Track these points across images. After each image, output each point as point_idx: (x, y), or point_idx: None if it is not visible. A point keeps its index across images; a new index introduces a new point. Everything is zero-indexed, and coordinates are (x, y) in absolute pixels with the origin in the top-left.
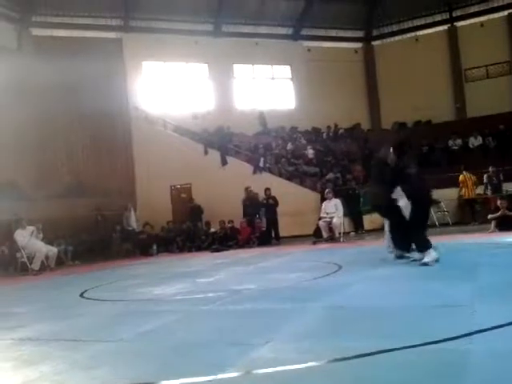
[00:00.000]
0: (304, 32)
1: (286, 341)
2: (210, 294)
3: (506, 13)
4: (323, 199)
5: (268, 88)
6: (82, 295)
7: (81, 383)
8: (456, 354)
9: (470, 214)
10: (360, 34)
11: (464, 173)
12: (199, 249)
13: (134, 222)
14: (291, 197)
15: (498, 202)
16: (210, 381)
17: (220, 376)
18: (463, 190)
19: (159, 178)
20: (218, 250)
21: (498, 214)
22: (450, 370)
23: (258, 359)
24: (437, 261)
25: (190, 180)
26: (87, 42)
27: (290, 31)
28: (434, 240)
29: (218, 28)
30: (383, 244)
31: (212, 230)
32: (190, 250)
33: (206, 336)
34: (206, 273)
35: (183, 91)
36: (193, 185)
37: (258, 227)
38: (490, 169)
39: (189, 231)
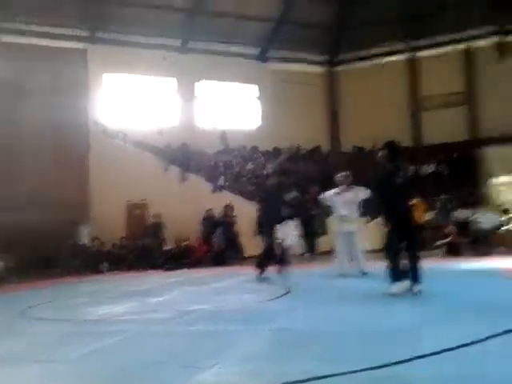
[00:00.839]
0: (271, 53)
1: (232, 364)
2: (160, 315)
3: (463, 46)
4: None
5: (232, 107)
6: (22, 314)
7: None
8: (398, 379)
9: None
10: (324, 58)
11: (415, 200)
12: (152, 267)
13: (85, 238)
14: (251, 216)
15: (448, 229)
16: None
17: None
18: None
19: (115, 192)
20: (171, 269)
21: (448, 240)
22: None
23: (203, 382)
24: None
25: (147, 196)
26: (52, 51)
27: (257, 51)
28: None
29: (185, 44)
30: (333, 266)
31: (166, 247)
32: (142, 268)
33: (152, 357)
34: (158, 292)
35: (148, 105)
36: (150, 201)
37: (215, 246)
38: (439, 196)
39: (143, 248)
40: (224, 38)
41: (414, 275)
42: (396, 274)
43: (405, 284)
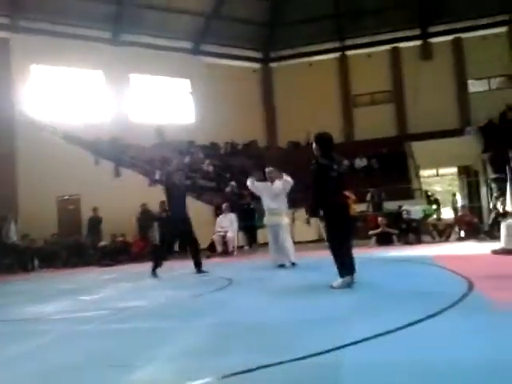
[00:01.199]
0: (204, 48)
1: (166, 361)
2: (93, 313)
3: (389, 46)
4: (217, 213)
5: (167, 100)
6: None
7: None
8: (328, 367)
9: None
10: (258, 54)
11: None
12: (87, 264)
13: (14, 235)
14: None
15: (379, 220)
16: None
17: None
18: None
19: (45, 187)
20: (107, 265)
21: (379, 230)
22: None
23: (136, 381)
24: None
25: (80, 191)
26: None
27: (190, 45)
28: (321, 253)
29: (116, 36)
30: (269, 258)
31: (102, 243)
32: (76, 265)
33: (81, 358)
34: (92, 289)
35: (76, 98)
36: (82, 196)
37: (152, 241)
38: (371, 189)
39: (76, 245)
40: (155, 30)
41: (349, 266)
42: (342, 267)
43: (350, 277)
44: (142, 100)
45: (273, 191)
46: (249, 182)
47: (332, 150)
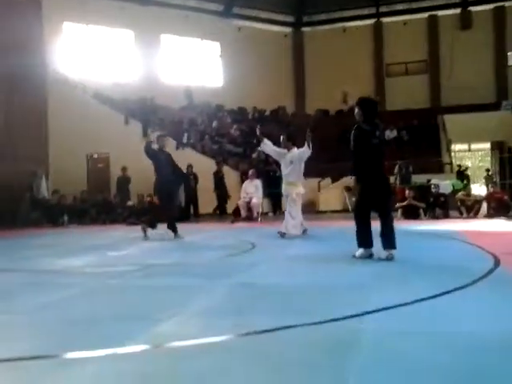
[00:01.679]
0: (235, 10)
1: (190, 316)
2: (120, 268)
3: (426, 14)
4: (243, 179)
5: (196, 63)
6: None
7: None
8: (350, 332)
9: None
10: (291, 19)
11: None
12: (114, 222)
13: (45, 190)
14: (212, 175)
15: (406, 193)
16: (109, 355)
17: (120, 350)
18: None
19: (75, 145)
20: (133, 224)
21: (405, 203)
22: (343, 348)
23: (159, 334)
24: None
25: (109, 150)
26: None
27: (220, 8)
28: (345, 223)
29: None
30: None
31: (129, 203)
32: (104, 223)
33: (108, 310)
34: (119, 246)
35: (106, 57)
36: (111, 155)
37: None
38: (400, 161)
39: (105, 203)
40: None
41: (389, 239)
42: (363, 239)
43: (369, 251)
44: (171, 61)
45: (287, 159)
46: (263, 145)
47: (375, 116)
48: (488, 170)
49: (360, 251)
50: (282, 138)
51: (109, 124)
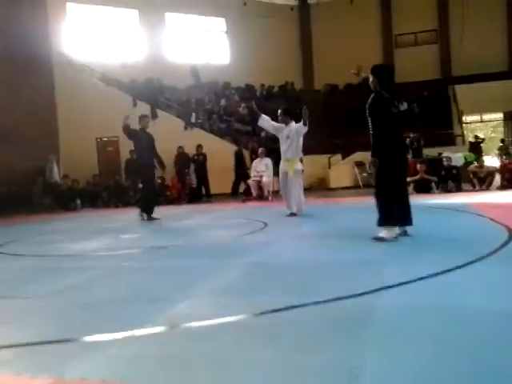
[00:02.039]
0: None
1: (204, 296)
2: (133, 250)
3: None
4: (253, 158)
5: (202, 40)
6: None
7: None
8: (362, 309)
9: None
10: None
11: None
12: (126, 205)
13: (56, 175)
14: (222, 154)
15: (418, 166)
16: (126, 337)
17: (137, 332)
18: None
19: (84, 129)
20: None
21: (417, 177)
22: (357, 324)
23: (175, 315)
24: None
25: (118, 133)
26: None
27: None
28: (357, 200)
29: None
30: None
31: (140, 185)
32: (116, 206)
33: (124, 292)
34: (132, 229)
35: (111, 38)
36: (120, 138)
37: (188, 184)
38: (411, 134)
39: (116, 186)
40: None
41: (405, 216)
42: (387, 217)
43: (395, 229)
44: (177, 40)
45: (284, 134)
46: (261, 120)
47: (392, 84)
48: (503, 141)
49: (386, 231)
50: (279, 111)
51: (117, 107)
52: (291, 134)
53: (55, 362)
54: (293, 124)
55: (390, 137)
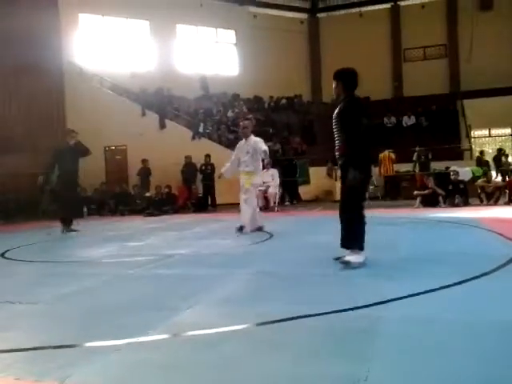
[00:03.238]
0: None
1: (209, 306)
2: (139, 258)
3: None
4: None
5: (211, 52)
6: (2, 255)
7: None
8: (368, 320)
9: (396, 190)
10: (306, 4)
11: (385, 152)
12: (133, 213)
13: None
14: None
15: (425, 180)
16: (129, 344)
17: (140, 339)
18: (382, 167)
19: (93, 137)
20: (152, 215)
21: (426, 191)
22: (362, 336)
23: (178, 323)
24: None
25: (126, 142)
26: None
27: None
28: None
29: None
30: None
31: (147, 194)
32: (122, 214)
33: (128, 300)
34: (137, 237)
35: (122, 48)
36: (128, 147)
37: (195, 193)
38: (417, 148)
39: (124, 194)
40: None
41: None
42: (356, 238)
43: (364, 253)
44: (187, 51)
45: (244, 149)
46: (226, 173)
47: (355, 89)
48: (506, 156)
49: (362, 256)
50: (240, 124)
51: (126, 116)
52: (250, 149)
53: (58, 367)
54: (252, 138)
55: (365, 148)
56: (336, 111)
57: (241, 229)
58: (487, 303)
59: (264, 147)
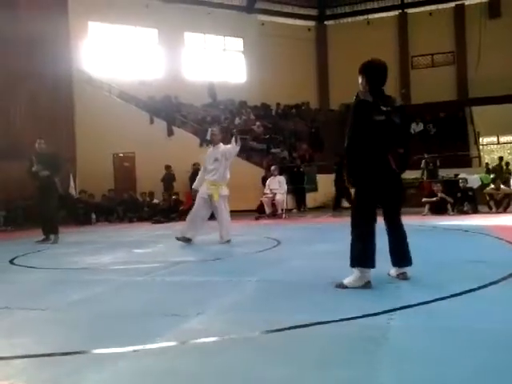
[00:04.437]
0: (258, 5)
1: (216, 313)
2: (146, 265)
3: (453, 4)
4: (267, 175)
5: (219, 59)
6: (11, 261)
7: (0, 351)
8: (377, 329)
9: (404, 197)
10: (314, 12)
11: None
12: (141, 219)
13: (72, 189)
14: (236, 172)
15: (434, 187)
16: (137, 350)
17: (149, 346)
18: None
19: (101, 144)
20: (159, 222)
21: (435, 198)
22: (370, 344)
23: (187, 330)
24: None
25: (134, 149)
26: None
27: (243, 3)
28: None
29: None
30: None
31: (155, 201)
32: (130, 221)
33: (137, 306)
34: (145, 244)
35: (131, 56)
36: (137, 154)
37: None
38: (426, 155)
39: (131, 201)
40: None
41: (403, 254)
42: (365, 254)
43: (367, 274)
44: (195, 58)
45: (212, 156)
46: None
47: (383, 85)
48: (507, 164)
49: (355, 275)
50: (209, 130)
51: (134, 123)
52: (219, 156)
53: (67, 374)
54: (221, 146)
55: (372, 151)
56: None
57: (186, 240)
58: (497, 312)
59: (235, 151)
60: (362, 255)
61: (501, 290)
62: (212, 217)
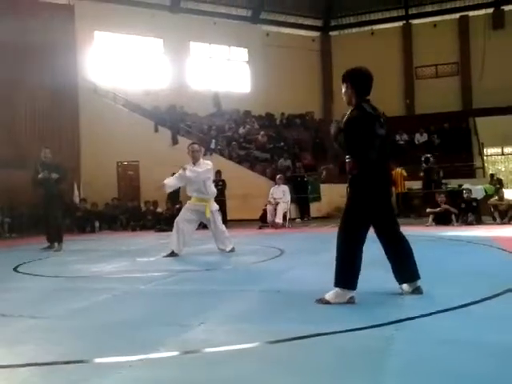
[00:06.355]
0: (263, 16)
1: (219, 323)
2: (149, 274)
3: (457, 15)
4: (271, 184)
5: (224, 69)
6: (15, 269)
7: (3, 359)
8: (380, 340)
9: (408, 208)
10: (318, 23)
11: (397, 169)
12: (144, 228)
13: (77, 198)
14: (240, 181)
15: (438, 198)
16: (140, 360)
17: (151, 355)
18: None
19: (106, 153)
20: (163, 230)
21: (438, 209)
22: (374, 355)
23: (190, 340)
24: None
25: (138, 157)
26: (36, 6)
27: (248, 13)
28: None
29: (175, 3)
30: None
31: (158, 209)
32: (133, 229)
33: (140, 315)
34: (148, 252)
35: (136, 66)
36: (141, 162)
37: None
38: (432, 165)
39: (134, 209)
40: None
41: (411, 269)
42: (349, 275)
43: (350, 295)
44: (200, 68)
45: (193, 175)
46: (168, 188)
47: (368, 94)
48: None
49: (336, 293)
50: (190, 146)
51: (139, 132)
52: (201, 175)
53: (69, 383)
54: (201, 163)
55: (376, 164)
56: (344, 120)
57: (172, 254)
58: (503, 324)
59: (209, 175)
60: (348, 278)
61: (506, 302)
62: (205, 226)
